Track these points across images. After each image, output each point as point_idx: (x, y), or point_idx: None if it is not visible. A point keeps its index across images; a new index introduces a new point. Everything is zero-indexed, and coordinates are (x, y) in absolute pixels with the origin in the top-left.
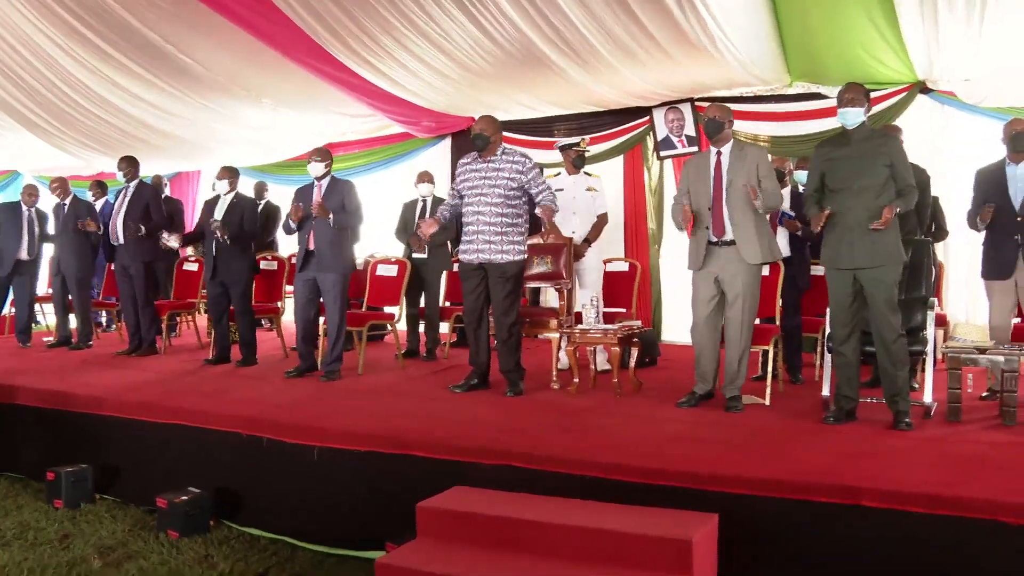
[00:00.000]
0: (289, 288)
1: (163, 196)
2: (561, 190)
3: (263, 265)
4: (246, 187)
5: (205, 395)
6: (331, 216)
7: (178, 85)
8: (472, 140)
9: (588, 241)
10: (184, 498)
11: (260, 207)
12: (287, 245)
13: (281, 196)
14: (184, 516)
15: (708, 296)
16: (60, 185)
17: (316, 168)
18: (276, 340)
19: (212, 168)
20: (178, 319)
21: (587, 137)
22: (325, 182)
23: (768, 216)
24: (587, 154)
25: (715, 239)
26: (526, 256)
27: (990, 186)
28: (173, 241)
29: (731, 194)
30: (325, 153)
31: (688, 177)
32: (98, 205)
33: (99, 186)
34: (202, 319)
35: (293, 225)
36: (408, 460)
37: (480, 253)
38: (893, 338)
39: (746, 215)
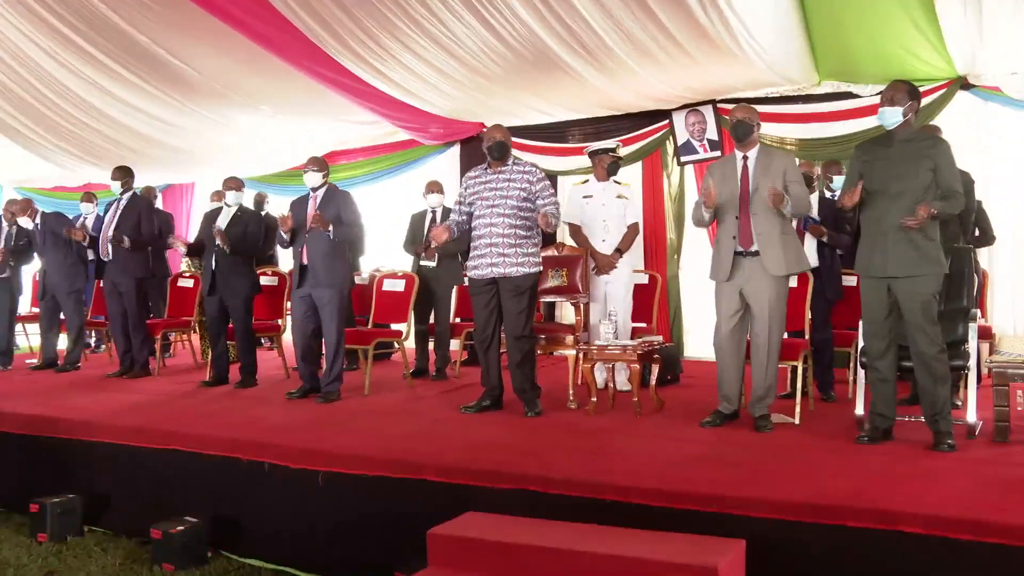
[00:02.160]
0: (290, 305)
1: (154, 208)
2: (590, 196)
3: (263, 281)
4: (244, 198)
5: (202, 418)
6: (331, 228)
7: (170, 91)
8: (488, 150)
9: (620, 251)
10: (180, 528)
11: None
12: (288, 260)
13: (282, 208)
14: (180, 547)
15: (732, 310)
16: (18, 208)
17: (313, 178)
18: (277, 360)
19: (207, 179)
20: (172, 338)
21: (620, 141)
22: (321, 193)
23: (794, 223)
24: (621, 160)
25: (741, 249)
26: (540, 269)
27: None
28: (180, 246)
29: (756, 201)
30: (322, 163)
31: (716, 180)
32: (90, 219)
33: (91, 198)
34: (198, 339)
35: (285, 237)
36: (418, 485)
37: (494, 267)
38: (932, 353)
39: (772, 223)
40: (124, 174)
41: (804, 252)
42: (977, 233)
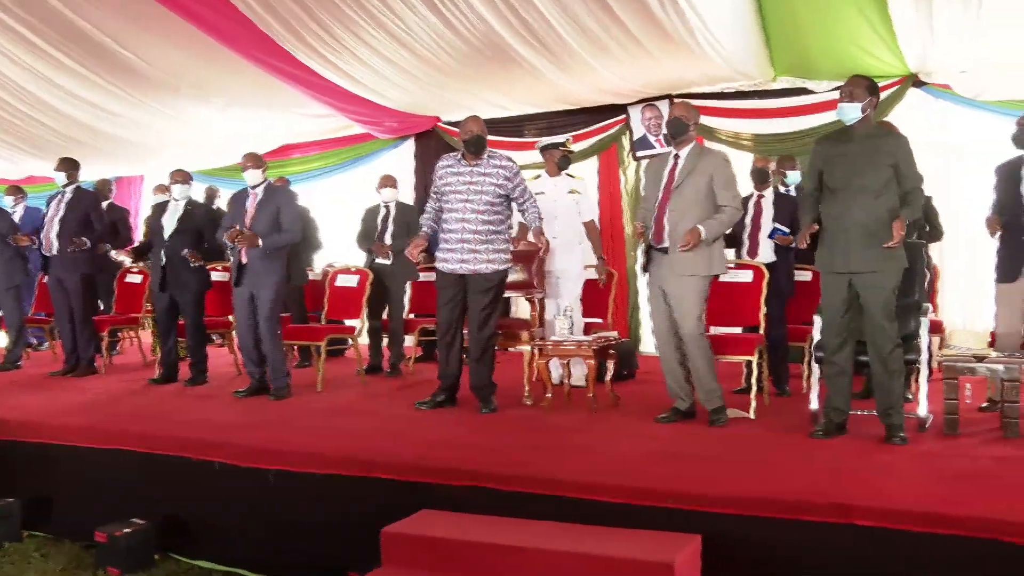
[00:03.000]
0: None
1: (107, 203)
2: (542, 193)
3: (214, 277)
4: (193, 192)
5: (150, 417)
6: (260, 242)
7: (117, 82)
8: (465, 144)
9: (602, 259)
10: (126, 531)
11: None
12: None
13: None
14: (126, 550)
15: (659, 306)
16: None
17: (253, 176)
18: (228, 356)
19: (156, 173)
20: (120, 335)
21: (571, 136)
22: (261, 190)
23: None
24: (572, 154)
25: (655, 245)
26: (511, 266)
27: (1004, 183)
28: (124, 259)
29: (676, 200)
30: (259, 159)
31: (647, 179)
32: (17, 213)
33: (17, 191)
34: (146, 335)
35: (227, 243)
36: (371, 483)
37: (464, 263)
38: (889, 348)
39: (688, 225)
40: (69, 166)
41: (720, 256)
42: (927, 229)
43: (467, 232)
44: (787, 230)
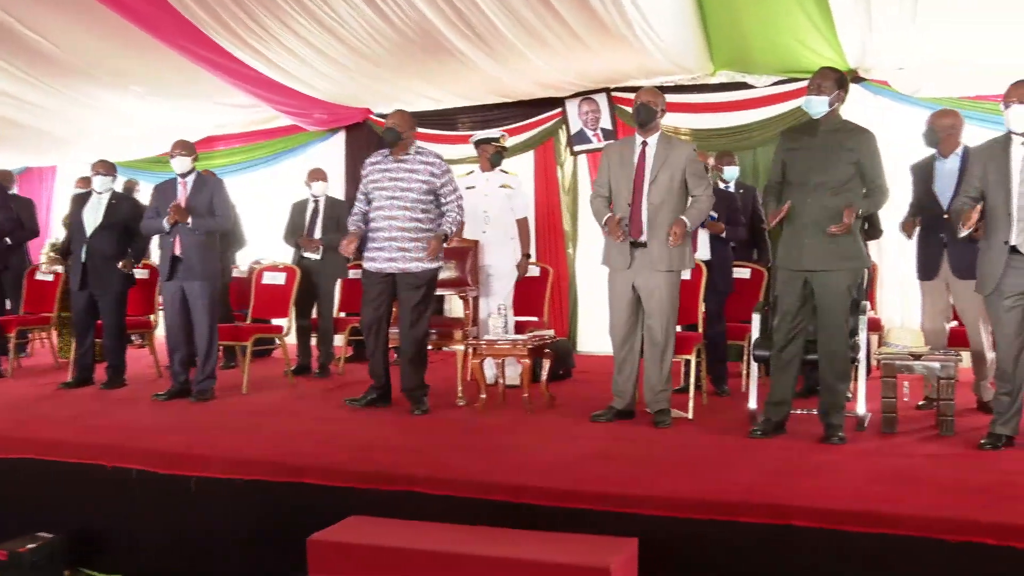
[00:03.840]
0: (161, 299)
1: (10, 194)
2: (473, 187)
3: (136, 274)
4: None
5: (62, 423)
6: (190, 219)
7: (26, 67)
8: (382, 135)
9: (528, 256)
10: (31, 546)
11: None
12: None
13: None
14: (31, 567)
15: (625, 300)
16: None
17: (181, 163)
18: (149, 358)
19: (70, 163)
20: (29, 336)
21: (504, 132)
22: (191, 179)
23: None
24: (505, 150)
25: (632, 239)
26: (442, 264)
27: (920, 182)
28: (54, 269)
29: (653, 192)
30: (190, 147)
31: (609, 166)
32: None
33: None
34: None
35: (165, 226)
36: (298, 489)
37: (392, 262)
38: (841, 349)
39: (665, 218)
40: None
41: (690, 253)
42: (867, 227)
43: (395, 230)
44: (715, 215)
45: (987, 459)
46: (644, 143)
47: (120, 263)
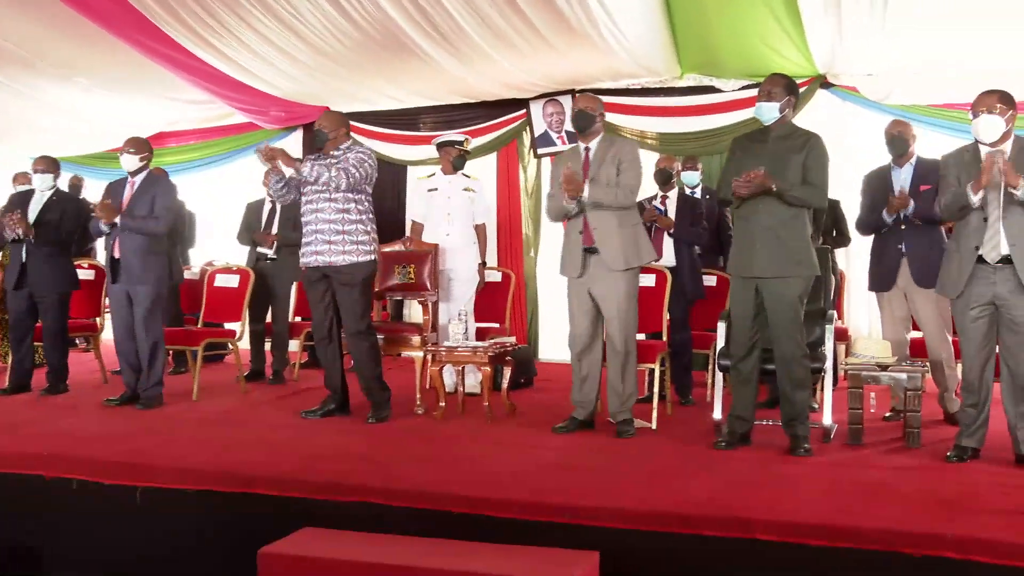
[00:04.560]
0: (108, 301)
1: None
2: (435, 190)
3: (81, 275)
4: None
5: None
6: (118, 220)
7: None
8: (314, 138)
9: (485, 264)
10: None
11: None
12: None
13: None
14: None
15: (584, 309)
16: None
17: (130, 161)
18: (94, 362)
19: (11, 158)
20: None
21: (467, 136)
22: (140, 178)
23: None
24: (468, 154)
25: (586, 246)
26: (374, 258)
27: (876, 191)
28: None
29: (593, 192)
30: (142, 144)
31: (556, 176)
32: None
33: None
34: None
35: (104, 227)
36: (249, 499)
37: (319, 255)
38: (796, 357)
39: (608, 216)
40: None
41: (647, 245)
42: (835, 234)
43: (320, 223)
44: (663, 208)
45: (953, 471)
46: (587, 148)
47: (12, 216)
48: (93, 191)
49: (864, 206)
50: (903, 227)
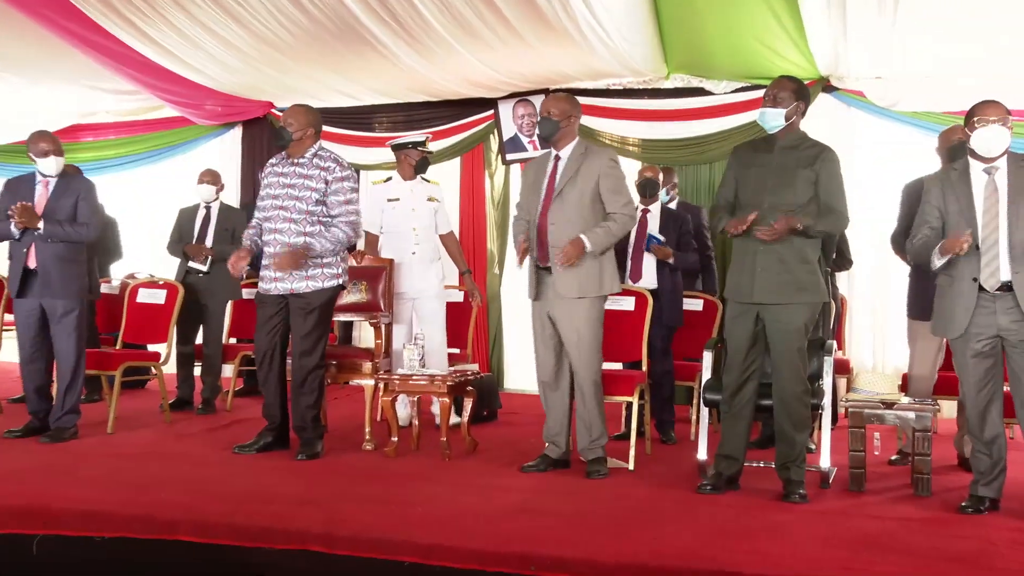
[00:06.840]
0: (9, 318)
1: None
2: (397, 199)
3: None
4: None
5: None
6: (42, 225)
7: None
8: (277, 135)
9: (469, 272)
10: None
11: None
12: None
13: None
14: None
15: (546, 334)
16: None
17: (53, 165)
18: None
19: None
20: None
21: (429, 134)
22: (54, 179)
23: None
24: (431, 156)
25: (541, 265)
26: (340, 283)
27: (915, 204)
28: None
29: (557, 210)
30: (58, 144)
31: (524, 184)
32: None
33: None
34: None
35: (16, 231)
36: (171, 547)
37: (278, 282)
38: (797, 393)
39: (570, 236)
40: None
41: (611, 274)
42: (835, 256)
43: (279, 245)
44: (663, 239)
45: (967, 524)
46: (557, 157)
47: None
48: None
49: (902, 220)
50: None
